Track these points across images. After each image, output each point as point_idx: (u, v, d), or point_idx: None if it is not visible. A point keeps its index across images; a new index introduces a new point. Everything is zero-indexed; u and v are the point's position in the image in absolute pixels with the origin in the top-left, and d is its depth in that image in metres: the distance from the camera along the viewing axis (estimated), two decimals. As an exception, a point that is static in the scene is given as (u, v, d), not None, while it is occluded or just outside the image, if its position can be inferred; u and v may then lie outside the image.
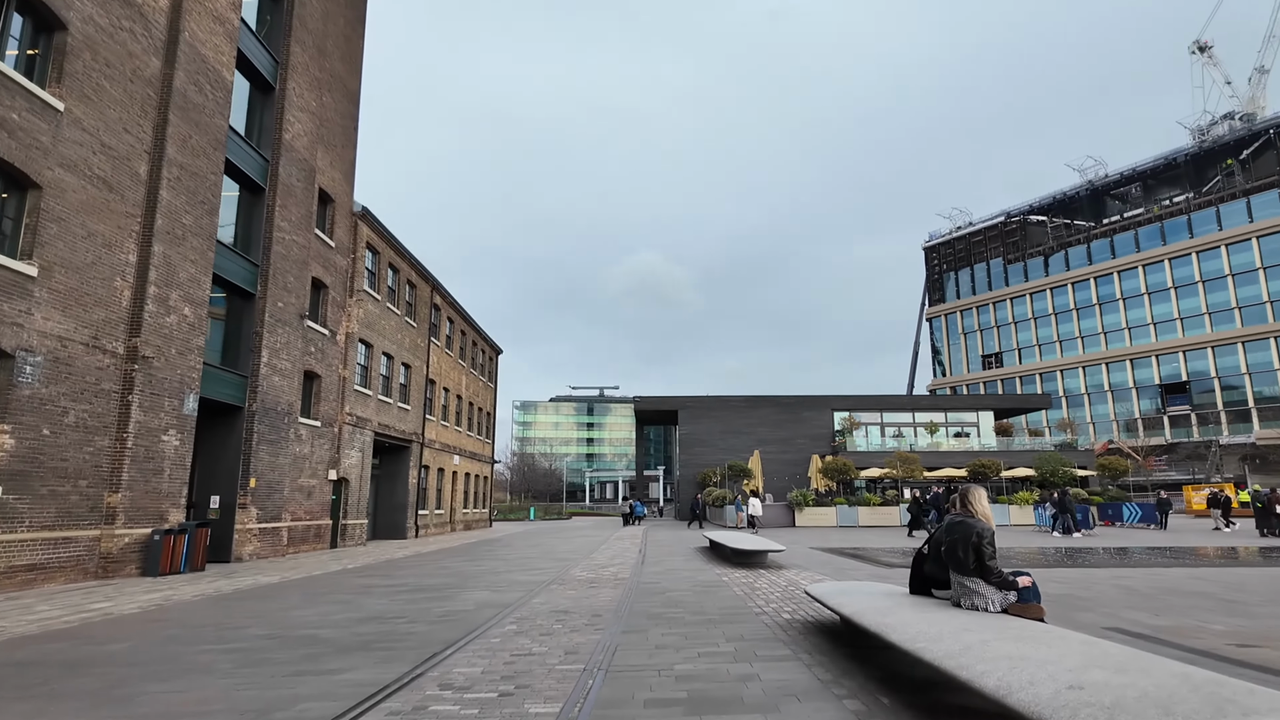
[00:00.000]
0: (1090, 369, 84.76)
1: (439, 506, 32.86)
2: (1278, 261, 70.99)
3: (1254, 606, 8.09)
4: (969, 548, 4.75)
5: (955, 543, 4.85)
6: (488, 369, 42.25)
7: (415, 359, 29.14)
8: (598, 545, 21.23)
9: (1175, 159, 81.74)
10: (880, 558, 15.11)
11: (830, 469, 33.66)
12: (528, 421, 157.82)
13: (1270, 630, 6.66)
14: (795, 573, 11.93)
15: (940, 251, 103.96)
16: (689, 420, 46.17)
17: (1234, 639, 6.23)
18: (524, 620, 7.70)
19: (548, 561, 15.56)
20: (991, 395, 67.48)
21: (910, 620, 4.33)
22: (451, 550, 20.56)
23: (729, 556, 14.39)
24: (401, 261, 27.68)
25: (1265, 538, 21.85)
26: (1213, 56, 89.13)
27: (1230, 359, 73.97)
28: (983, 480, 34.91)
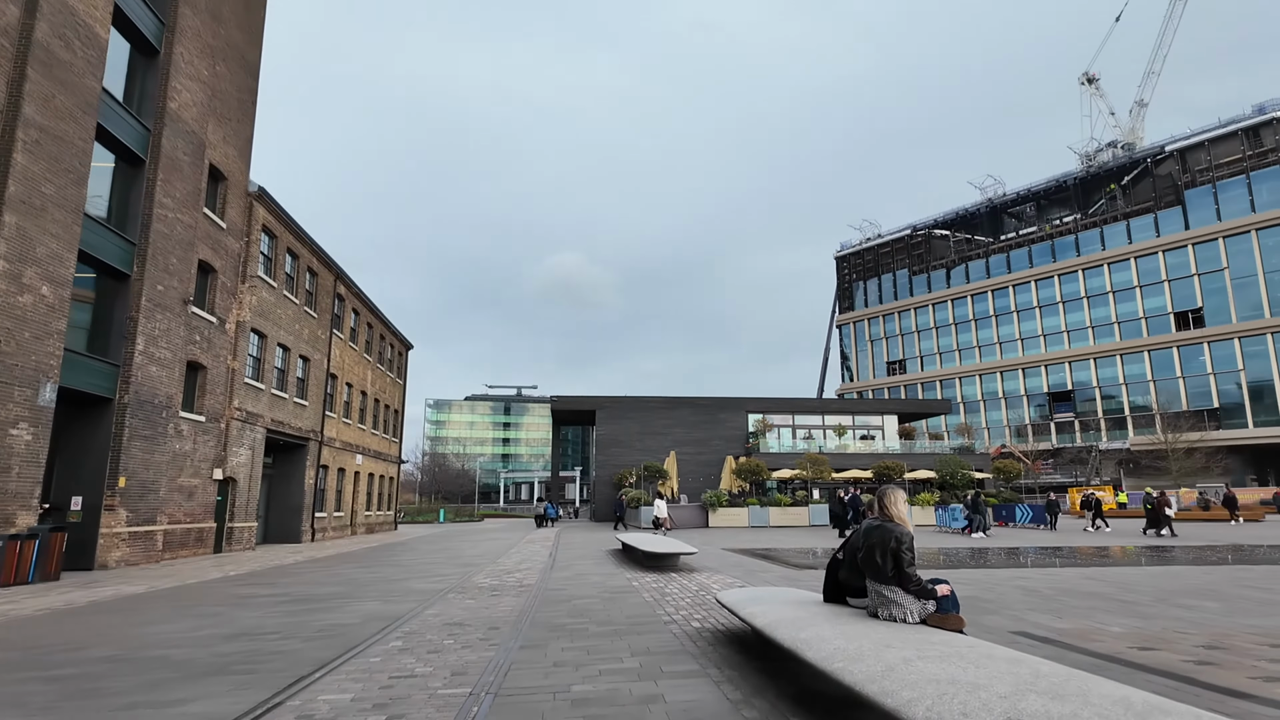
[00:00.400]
0: (986, 377, 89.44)
1: (339, 509, 31.17)
2: (1153, 281, 76.74)
3: (1145, 606, 8.29)
4: (886, 553, 4.48)
5: (872, 548, 4.57)
6: (396, 365, 40.54)
7: (315, 352, 27.49)
8: (507, 549, 20.46)
9: (1065, 182, 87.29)
10: (790, 559, 15.06)
11: (743, 470, 33.93)
12: (441, 420, 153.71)
13: (1163, 631, 6.75)
14: (707, 576, 11.64)
15: (850, 261, 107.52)
16: (607, 420, 45.73)
17: (1133, 641, 6.25)
18: (412, 635, 7.01)
19: (450, 567, 14.75)
20: (896, 400, 70.15)
21: (827, 635, 3.99)
22: (348, 555, 19.36)
23: (640, 560, 14.00)
24: (302, 247, 26.03)
25: (1148, 536, 23.24)
26: (1099, 88, 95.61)
27: (1110, 370, 79.50)
28: (887, 481, 35.96)
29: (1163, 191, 78.40)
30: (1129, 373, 78.00)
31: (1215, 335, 71.67)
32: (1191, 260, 74.26)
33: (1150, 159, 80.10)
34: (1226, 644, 6.13)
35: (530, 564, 14.82)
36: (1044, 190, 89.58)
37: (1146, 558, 14.92)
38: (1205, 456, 61.32)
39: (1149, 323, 76.82)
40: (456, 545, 23.19)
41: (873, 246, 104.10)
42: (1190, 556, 15.03)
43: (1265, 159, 71.85)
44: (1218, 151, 75.08)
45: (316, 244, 26.99)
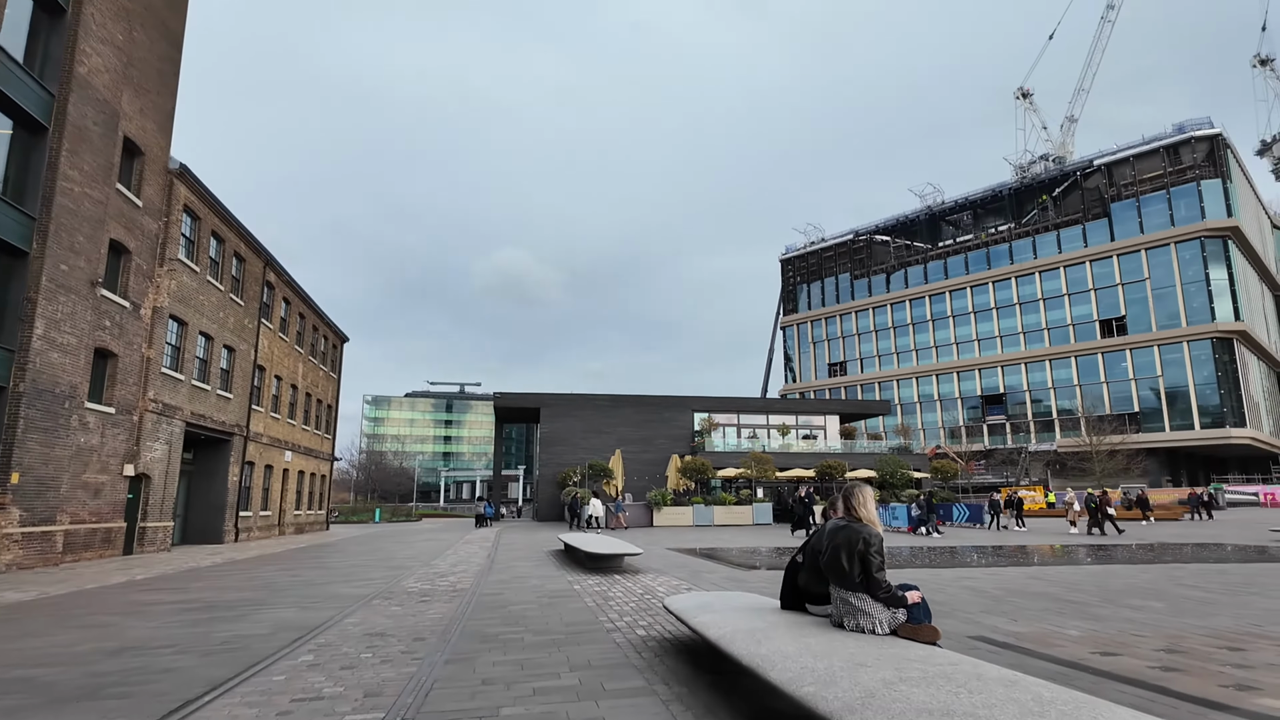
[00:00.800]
0: (923, 379, 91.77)
1: (266, 507, 29.62)
2: (1080, 289, 79.86)
3: (1095, 607, 8.16)
4: (853, 557, 4.06)
5: (837, 551, 4.14)
6: (330, 358, 38.91)
7: (241, 342, 25.99)
8: (442, 550, 19.61)
9: (1000, 191, 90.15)
10: (735, 559, 14.73)
11: (688, 469, 33.67)
12: (379, 417, 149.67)
13: (1119, 634, 6.57)
14: (652, 578, 11.17)
15: (795, 264, 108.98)
16: (551, 418, 44.93)
17: (1093, 646, 6.03)
18: (326, 648, 6.30)
19: (380, 570, 13.90)
20: (837, 400, 71.23)
21: (790, 651, 3.53)
22: (271, 557, 18.21)
23: (583, 561, 13.44)
24: (228, 230, 24.54)
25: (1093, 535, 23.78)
26: (1033, 103, 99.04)
27: (1039, 375, 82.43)
28: (828, 480, 36.27)
29: (1090, 204, 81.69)
30: (1057, 377, 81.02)
31: (1136, 343, 75.01)
32: (1116, 270, 77.56)
33: (1079, 172, 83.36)
34: (1183, 647, 5.96)
35: (466, 566, 14.09)
36: (980, 199, 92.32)
37: (1084, 557, 15.10)
38: (1126, 458, 64.07)
39: (1076, 329, 79.91)
40: (389, 546, 22.17)
41: (816, 250, 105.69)
42: (1125, 555, 15.29)
43: (1184, 176, 75.57)
44: (1141, 167, 78.64)
45: (244, 228, 25.51)
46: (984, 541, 20.72)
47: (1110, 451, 65.17)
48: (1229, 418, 69.52)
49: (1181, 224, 74.13)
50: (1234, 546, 17.35)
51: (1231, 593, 9.13)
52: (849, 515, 4.30)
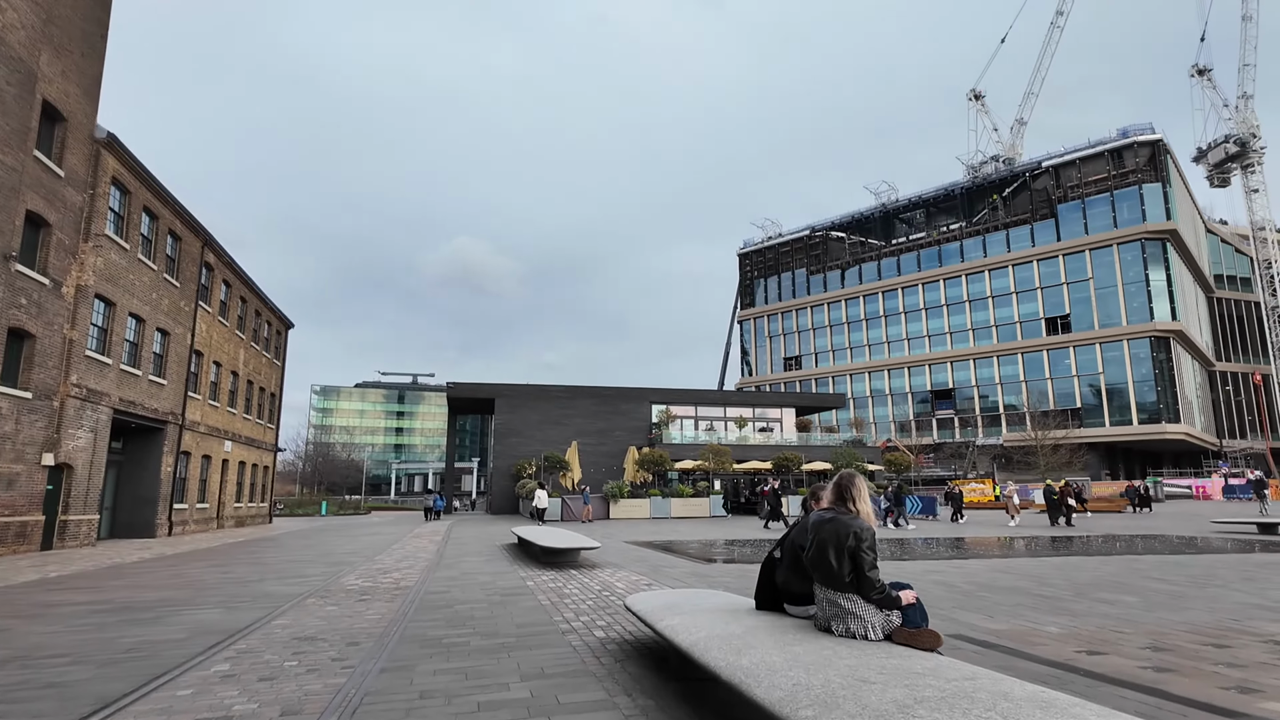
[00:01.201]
0: (874, 374, 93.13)
1: (203, 500, 28.19)
2: (1027, 288, 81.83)
3: (1067, 601, 7.94)
4: (843, 553, 3.59)
5: (824, 546, 3.68)
6: (275, 345, 37.32)
7: (177, 325, 24.57)
8: (388, 545, 18.77)
9: (953, 191, 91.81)
10: (695, 552, 14.32)
11: (646, 461, 33.25)
12: (328, 408, 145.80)
13: (1099, 630, 6.29)
14: (610, 573, 10.65)
15: (752, 259, 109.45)
16: (506, 409, 44.02)
17: (1076, 644, 5.72)
18: (246, 655, 5.61)
19: (319, 566, 13.08)
20: (793, 394, 71.75)
21: (777, 663, 3.04)
22: (205, 552, 17.14)
23: (537, 556, 12.86)
24: (162, 207, 23.10)
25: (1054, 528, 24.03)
26: (985, 105, 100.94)
27: (987, 371, 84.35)
28: (784, 473, 36.26)
29: (1039, 204, 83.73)
30: (1004, 374, 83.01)
31: (1080, 340, 77.26)
32: (1061, 270, 79.70)
33: (1028, 173, 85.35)
34: (1168, 644, 5.69)
35: (412, 562, 13.36)
36: (933, 198, 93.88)
37: (1052, 549, 15.10)
38: (1069, 452, 66.07)
39: (1023, 327, 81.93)
40: (333, 540, 21.20)
41: (774, 245, 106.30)
42: (1082, 547, 15.35)
43: (1126, 179, 77.99)
44: (1087, 170, 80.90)
45: (180, 205, 24.07)
46: (944, 533, 20.75)
47: (1054, 446, 67.11)
48: (1165, 414, 72.15)
49: (1124, 226, 76.51)
50: (1180, 538, 17.64)
51: (1198, 585, 9.03)
52: (839, 506, 3.84)
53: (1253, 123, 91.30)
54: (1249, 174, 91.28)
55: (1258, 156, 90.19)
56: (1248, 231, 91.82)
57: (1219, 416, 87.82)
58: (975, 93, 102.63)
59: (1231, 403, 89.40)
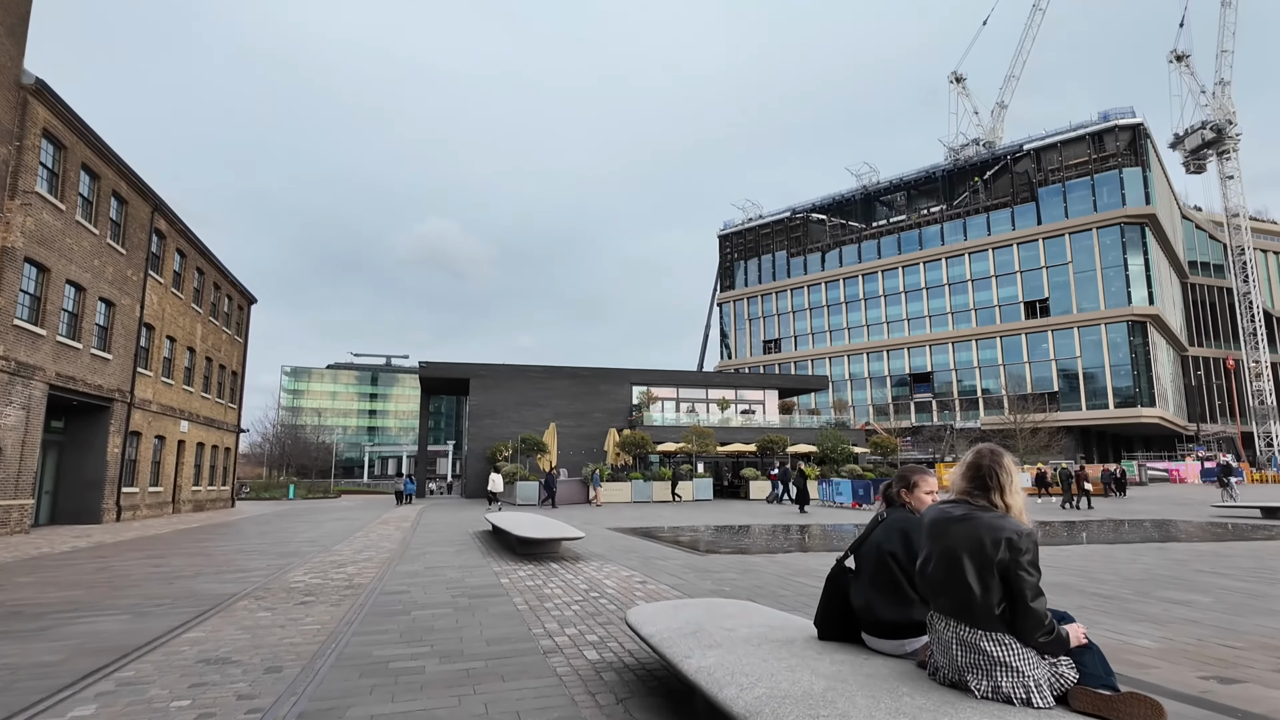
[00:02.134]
0: (854, 357, 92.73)
1: (157, 483, 26.47)
2: (1007, 271, 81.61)
3: (1134, 603, 6.84)
4: (990, 571, 2.34)
5: (955, 558, 2.42)
6: (236, 320, 35.38)
7: (123, 296, 22.75)
8: (352, 531, 17.38)
9: (934, 173, 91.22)
10: (686, 540, 13.15)
11: (628, 443, 32.04)
12: (299, 390, 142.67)
13: (1201, 644, 5.18)
14: (596, 567, 9.42)
15: (733, 240, 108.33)
16: (481, 390, 42.50)
17: (1190, 664, 4.58)
18: (124, 690, 4.24)
19: (268, 557, 11.68)
20: (776, 375, 70.86)
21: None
22: (148, 541, 15.61)
23: (513, 546, 11.57)
24: (105, 166, 21.21)
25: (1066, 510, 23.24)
26: (966, 88, 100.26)
27: (965, 354, 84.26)
28: (769, 455, 35.30)
29: (1019, 188, 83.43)
30: (982, 357, 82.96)
31: (1058, 324, 77.31)
32: (1041, 254, 79.55)
33: (1010, 156, 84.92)
34: (1296, 662, 4.58)
35: (373, 552, 12.02)
36: (914, 180, 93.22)
37: (1060, 535, 14.13)
38: (1048, 435, 66.21)
39: (1002, 310, 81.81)
40: (293, 526, 19.73)
41: (754, 227, 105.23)
42: (1100, 534, 14.41)
43: (1107, 163, 77.83)
44: (1068, 153, 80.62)
45: (126, 165, 22.18)
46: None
47: (1033, 429, 67.25)
48: (1140, 398, 72.55)
49: (1104, 210, 76.41)
50: (1191, 524, 16.83)
51: (1265, 581, 8.01)
52: (977, 498, 2.54)
53: (1229, 109, 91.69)
54: (1224, 160, 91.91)
55: (1233, 143, 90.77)
56: (1222, 218, 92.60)
57: (1191, 401, 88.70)
58: (956, 75, 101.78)
59: (1204, 387, 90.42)
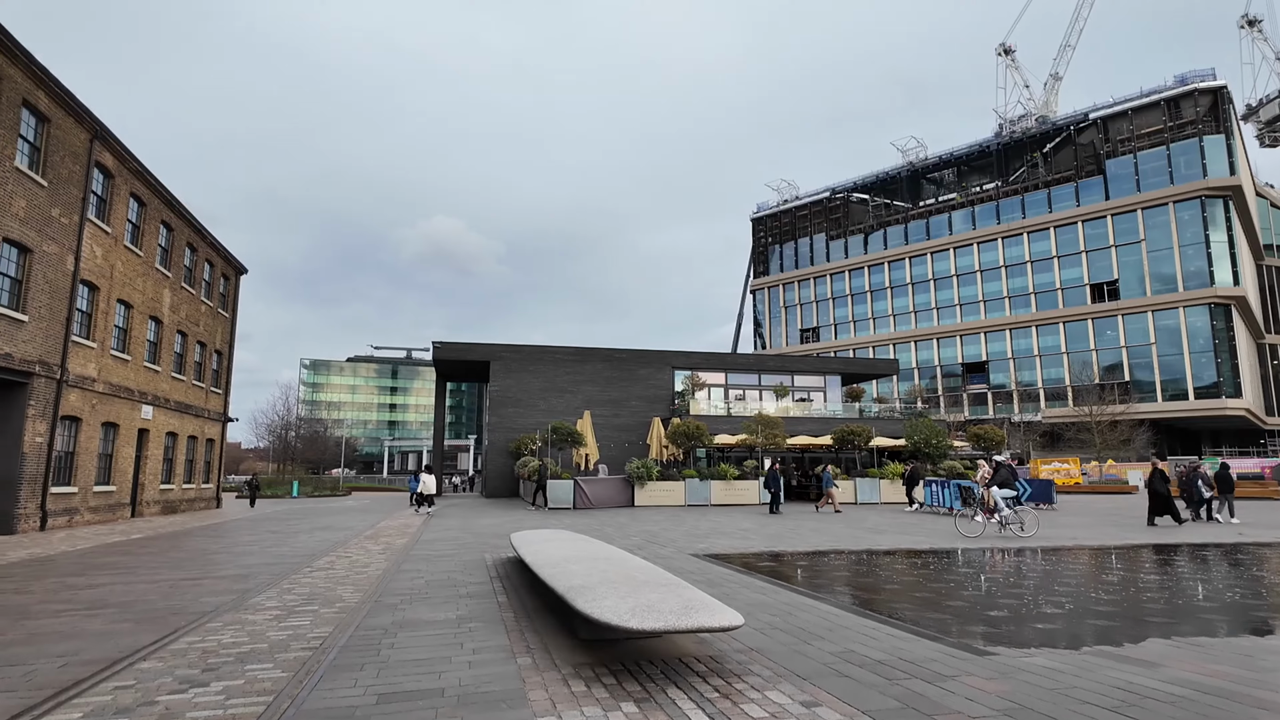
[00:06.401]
0: (900, 346, 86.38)
1: (108, 481, 21.45)
2: (1071, 251, 74.97)
3: None
4: None
5: None
6: (219, 291, 30.32)
7: (45, 241, 17.66)
8: (325, 550, 12.11)
9: (988, 147, 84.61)
10: (864, 584, 7.70)
11: (678, 434, 26.49)
12: (318, 383, 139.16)
13: None
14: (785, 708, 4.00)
15: (767, 224, 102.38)
16: (503, 374, 37.24)
17: None
18: None
19: (120, 622, 6.34)
20: (838, 359, 64.46)
21: None
22: (29, 566, 10.40)
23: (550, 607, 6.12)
24: (14, 69, 16.08)
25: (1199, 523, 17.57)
26: (1015, 60, 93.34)
27: (1024, 341, 77.72)
28: (847, 449, 29.70)
29: (1084, 160, 76.68)
30: (1043, 345, 76.44)
31: (1129, 308, 70.63)
32: (1110, 231, 72.83)
33: (1073, 127, 78.11)
34: None
35: (316, 608, 6.69)
36: (966, 155, 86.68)
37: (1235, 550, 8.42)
38: (1128, 429, 59.70)
39: (1065, 294, 75.28)
40: (262, 539, 14.52)
41: (790, 209, 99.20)
42: None
43: (1184, 131, 70.85)
44: (1139, 121, 73.69)
45: (48, 74, 17.09)
46: (1060, 532, 14.11)
47: (1111, 422, 60.73)
48: (1224, 388, 65.74)
49: (1181, 182, 69.51)
50: None
51: None
52: None
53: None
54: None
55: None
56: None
57: (1268, 393, 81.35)
58: (1005, 47, 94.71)
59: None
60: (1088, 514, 21.42)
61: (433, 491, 25.20)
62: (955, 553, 11.56)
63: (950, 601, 7.09)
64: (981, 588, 8.03)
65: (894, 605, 6.88)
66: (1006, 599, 7.22)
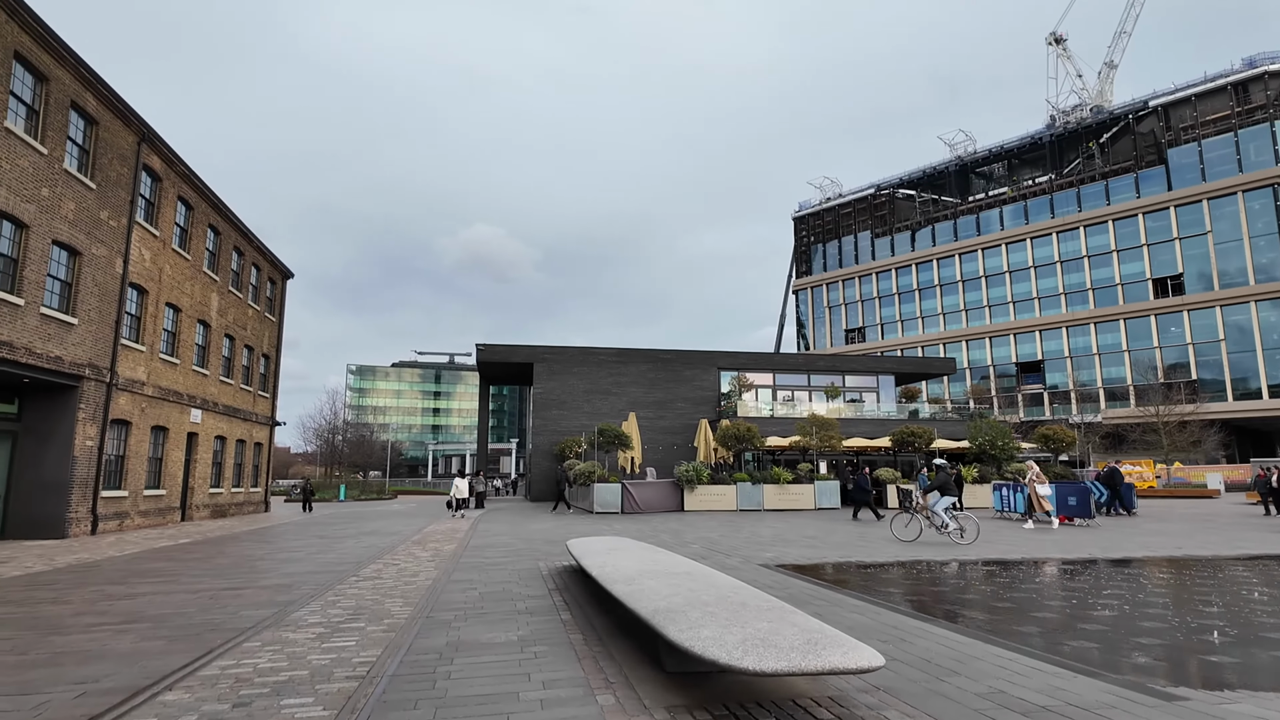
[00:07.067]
0: (950, 345, 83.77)
1: (158, 485, 21.44)
2: (1131, 245, 71.81)
3: None
4: None
5: None
6: (266, 295, 30.42)
7: (94, 243, 17.60)
8: (373, 556, 11.58)
9: (1040, 139, 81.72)
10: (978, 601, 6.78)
11: (729, 436, 25.55)
12: (364, 389, 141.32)
13: None
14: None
15: (809, 222, 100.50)
16: (546, 376, 36.76)
17: None
18: None
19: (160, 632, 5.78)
20: (891, 358, 62.67)
21: None
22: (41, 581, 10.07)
23: (649, 647, 5.35)
24: (55, 65, 16.01)
25: None
26: (1066, 49, 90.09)
27: (1082, 339, 74.70)
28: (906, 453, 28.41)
29: (1144, 150, 73.43)
30: (1103, 343, 73.28)
31: (1195, 303, 67.30)
32: (1173, 223, 69.52)
33: (1131, 115, 74.82)
34: None
35: (359, 631, 6.06)
36: (1017, 148, 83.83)
37: None
38: (1198, 429, 56.60)
39: (1125, 289, 72.08)
40: (309, 544, 14.12)
41: (833, 206, 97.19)
42: None
43: (1253, 116, 67.28)
44: (1204, 108, 70.24)
45: (96, 76, 17.04)
46: (1155, 543, 12.78)
47: (1180, 423, 57.64)
48: (1302, 387, 62.05)
49: (1251, 170, 65.97)
50: None
51: None
52: None
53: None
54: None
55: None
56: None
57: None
58: (1056, 36, 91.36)
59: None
60: (1174, 519, 19.88)
61: (464, 496, 25.21)
62: (1052, 563, 10.48)
63: (1084, 624, 6.12)
64: (1109, 606, 7.02)
65: (1018, 629, 5.94)
66: (1148, 622, 6.22)
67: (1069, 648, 5.21)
